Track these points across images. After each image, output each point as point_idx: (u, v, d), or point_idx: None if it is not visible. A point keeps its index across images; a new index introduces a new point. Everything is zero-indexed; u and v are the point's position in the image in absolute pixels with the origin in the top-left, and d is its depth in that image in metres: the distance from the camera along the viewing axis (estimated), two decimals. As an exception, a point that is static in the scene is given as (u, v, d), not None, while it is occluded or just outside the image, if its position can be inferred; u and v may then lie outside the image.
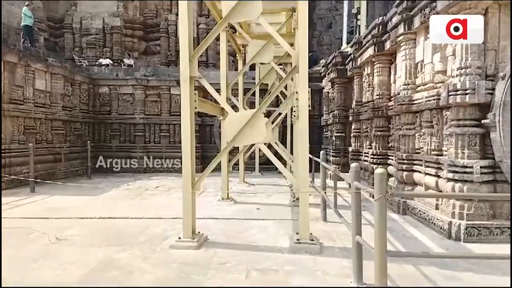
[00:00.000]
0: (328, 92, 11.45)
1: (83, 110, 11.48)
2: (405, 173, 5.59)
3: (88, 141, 10.53)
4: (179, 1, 4.33)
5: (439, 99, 4.53)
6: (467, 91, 3.99)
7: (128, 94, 12.25)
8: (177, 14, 15.45)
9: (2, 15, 12.56)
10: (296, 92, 4.65)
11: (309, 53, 5.20)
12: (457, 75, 4.16)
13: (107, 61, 14.46)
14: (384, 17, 6.94)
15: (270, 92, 10.42)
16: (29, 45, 10.77)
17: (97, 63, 14.27)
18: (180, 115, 4.41)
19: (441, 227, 4.25)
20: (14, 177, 7.70)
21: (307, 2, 4.29)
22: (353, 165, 3.15)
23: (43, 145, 9.38)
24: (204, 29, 15.78)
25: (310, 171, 8.45)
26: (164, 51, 16.04)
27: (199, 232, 4.19)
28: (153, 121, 12.17)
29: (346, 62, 9.61)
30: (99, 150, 11.84)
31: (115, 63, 14.75)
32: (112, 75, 12.35)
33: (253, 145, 8.12)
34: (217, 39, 9.16)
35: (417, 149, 5.50)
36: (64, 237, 4.29)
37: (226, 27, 7.23)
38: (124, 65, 14.29)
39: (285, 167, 9.35)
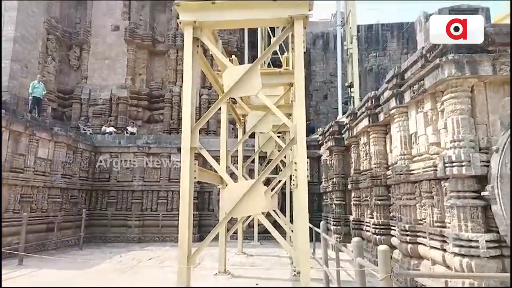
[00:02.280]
0: (326, 160, 11.59)
1: (82, 178, 11.48)
2: (409, 245, 5.40)
3: (84, 210, 10.33)
4: (184, 74, 4.64)
5: (436, 170, 4.57)
6: (463, 163, 4.05)
7: (129, 161, 12.38)
8: (181, 86, 16.45)
9: (14, 86, 13.27)
10: (295, 163, 4.73)
11: (306, 122, 5.41)
12: (451, 148, 4.26)
13: (111, 129, 14.89)
14: (376, 91, 7.35)
15: (269, 160, 10.58)
16: (37, 115, 11.20)
17: (101, 131, 14.70)
18: (179, 181, 4.41)
19: (453, 307, 3.97)
20: (3, 250, 7.38)
21: (303, 78, 4.58)
22: (355, 239, 3.06)
23: (37, 214, 9.19)
24: (206, 99, 16.56)
25: (311, 240, 8.15)
26: (167, 119, 16.62)
27: (193, 313, 3.89)
28: (152, 187, 12.10)
29: (343, 131, 9.91)
30: (95, 218, 11.58)
31: (119, 131, 15.18)
32: (114, 142, 12.63)
33: (252, 214, 7.96)
34: (218, 109, 9.56)
35: (420, 220, 5.39)
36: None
37: (227, 99, 7.59)
38: (127, 133, 14.70)
39: (285, 236, 9.07)
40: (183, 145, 4.49)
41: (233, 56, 7.96)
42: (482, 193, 4.02)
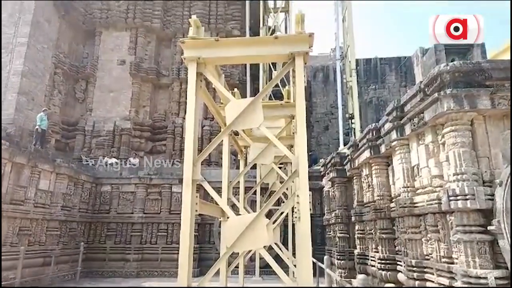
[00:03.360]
0: (329, 191, 11.48)
1: (82, 210, 11.36)
2: (417, 282, 5.22)
3: (82, 243, 10.13)
4: (187, 109, 4.71)
5: (441, 203, 4.52)
6: (467, 197, 4.01)
7: (130, 193, 12.30)
8: (183, 118, 16.68)
9: (19, 118, 13.49)
10: (297, 196, 4.69)
11: (308, 153, 5.43)
12: (454, 181, 4.24)
13: (113, 160, 14.92)
14: (377, 123, 7.42)
15: (271, 192, 10.48)
16: (40, 147, 11.29)
17: (103, 162, 14.72)
18: (180, 213, 4.36)
19: None
20: (-2, 284, 7.19)
21: (304, 112, 4.65)
22: (360, 277, 2.98)
23: (34, 247, 9.01)
24: (208, 130, 16.72)
25: (314, 275, 7.89)
26: (169, 150, 16.69)
27: None
28: (152, 220, 11.93)
29: (344, 162, 9.90)
30: (93, 252, 11.33)
31: (121, 162, 15.20)
32: (116, 174, 12.62)
33: (254, 247, 7.78)
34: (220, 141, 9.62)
35: (426, 255, 5.24)
36: None
37: (229, 132, 7.65)
38: (129, 164, 14.71)
39: (288, 270, 8.78)
40: (185, 177, 4.48)
41: (236, 89, 8.12)
42: (488, 228, 3.95)
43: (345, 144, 14.82)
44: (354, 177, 9.05)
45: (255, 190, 10.60)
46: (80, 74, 17.08)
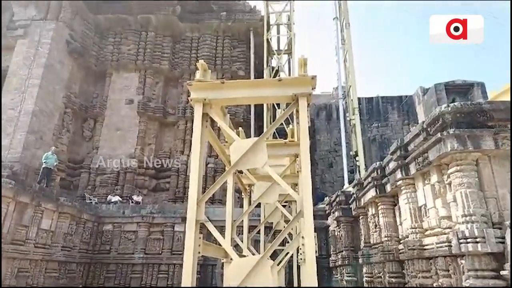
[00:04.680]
0: (335, 231, 11.20)
1: (82, 250, 11.12)
2: (430, 331, 4.93)
3: (80, 287, 9.81)
4: (192, 149, 4.76)
5: (451, 246, 4.38)
6: (477, 239, 3.90)
7: (131, 232, 12.09)
8: (188, 155, 16.79)
9: (26, 157, 13.65)
10: (302, 237, 4.58)
11: (314, 190, 5.38)
12: (463, 222, 4.15)
13: (116, 198, 14.85)
14: (381, 162, 7.41)
15: (275, 231, 10.24)
16: (45, 185, 11.32)
17: (106, 200, 14.64)
18: (182, 253, 4.25)
19: None
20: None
21: (308, 151, 4.68)
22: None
23: (32, 290, 8.74)
24: (212, 168, 16.72)
25: (323, 323, 7.48)
26: (173, 188, 16.61)
27: None
28: (153, 260, 11.60)
29: (350, 201, 9.75)
30: (91, 294, 10.94)
31: (124, 200, 15.11)
32: (119, 212, 12.49)
33: (258, 291, 7.48)
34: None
35: (439, 301, 5.00)
36: None
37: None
38: (132, 202, 14.61)
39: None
40: (189, 218, 4.42)
41: (240, 128, 8.23)
42: (501, 273, 3.79)
43: (350, 182, 14.68)
44: (360, 217, 8.87)
45: (259, 230, 10.39)
46: (89, 113, 17.51)
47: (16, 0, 16.10)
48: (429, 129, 4.90)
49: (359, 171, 14.93)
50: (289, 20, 19.16)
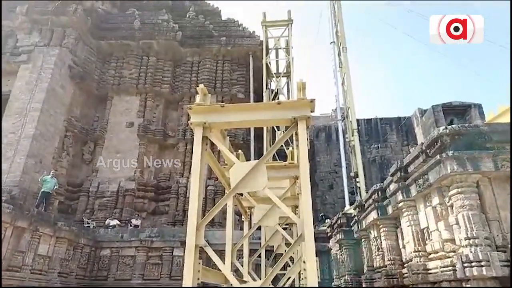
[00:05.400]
0: (337, 254, 11.00)
1: (79, 276, 10.89)
2: None
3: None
4: (192, 173, 4.75)
5: (456, 270, 4.30)
6: (482, 263, 3.83)
7: (130, 257, 11.87)
8: (188, 177, 16.71)
9: (25, 181, 13.58)
10: (304, 262, 4.50)
11: (315, 211, 5.31)
12: (466, 245, 4.09)
13: (115, 221, 14.65)
14: (382, 183, 7.38)
15: (276, 255, 10.05)
16: (43, 209, 11.20)
17: (104, 224, 14.45)
18: (181, 279, 4.15)
19: None
20: None
21: (308, 174, 4.67)
22: None
23: (26, 318, 8.49)
24: (212, 190, 16.61)
25: None
26: (172, 211, 16.43)
27: None
28: (151, 286, 11.33)
29: (351, 223, 9.63)
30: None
31: (123, 223, 14.91)
32: (117, 236, 12.31)
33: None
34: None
35: (446, 328, 4.84)
36: None
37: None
38: (131, 226, 14.41)
39: None
40: (188, 242, 4.35)
41: (240, 151, 8.25)
42: (509, 298, 3.71)
43: (351, 204, 14.55)
44: (363, 239, 8.73)
45: (260, 253, 10.19)
46: (90, 137, 17.57)
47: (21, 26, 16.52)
48: (428, 150, 4.91)
49: (360, 193, 14.84)
50: (287, 44, 19.62)
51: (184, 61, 19.74)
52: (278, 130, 17.29)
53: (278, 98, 19.43)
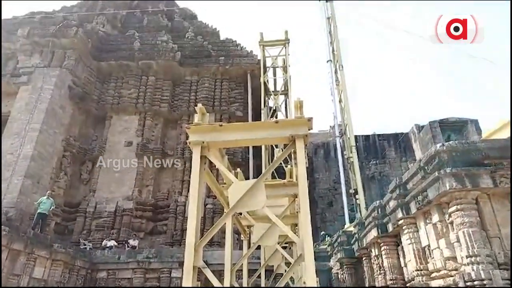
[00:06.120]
0: (338, 273, 10.80)
1: (75, 299, 10.64)
2: None
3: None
4: (190, 192, 4.72)
5: (458, 289, 4.23)
6: (484, 282, 3.77)
7: (126, 279, 11.61)
8: (186, 196, 16.57)
9: (22, 202, 13.43)
10: (304, 283, 4.41)
11: (313, 230, 5.23)
12: (468, 263, 4.04)
13: (112, 242, 14.41)
14: (381, 200, 7.34)
15: (276, 275, 9.85)
16: (39, 231, 11.03)
17: (101, 245, 14.20)
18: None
19: None
20: None
21: (307, 192, 4.64)
22: None
23: None
24: (211, 209, 16.45)
25: None
26: (170, 230, 16.20)
27: None
28: (149, 310, 11.05)
29: (352, 242, 9.52)
30: None
31: (120, 244, 14.67)
32: (114, 258, 12.08)
33: None
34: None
35: None
36: None
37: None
38: (128, 246, 14.17)
39: None
40: (186, 264, 4.27)
41: (238, 169, 8.23)
42: (514, 317, 3.63)
43: (351, 221, 14.41)
44: (364, 258, 8.61)
45: (260, 273, 9.99)
46: (88, 156, 17.51)
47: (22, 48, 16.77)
48: (426, 167, 4.92)
49: (360, 210, 14.73)
50: (284, 63, 19.93)
51: (183, 80, 19.95)
52: (277, 147, 17.31)
53: (276, 116, 19.59)
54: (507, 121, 6.00)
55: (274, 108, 19.69)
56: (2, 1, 16.33)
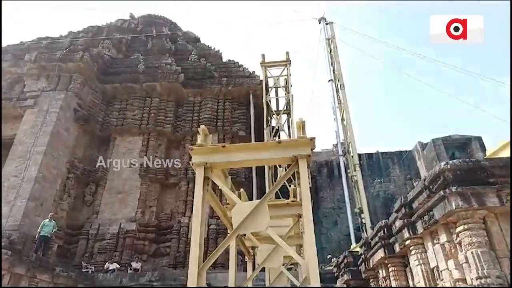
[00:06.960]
0: (345, 296, 10.52)
1: (76, 325, 10.39)
2: None
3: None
4: (193, 213, 4.69)
5: (469, 312, 4.10)
6: (497, 305, 3.66)
7: (129, 304, 11.37)
8: (190, 217, 16.42)
9: (25, 224, 13.35)
10: (310, 307, 4.30)
11: (318, 250, 5.13)
12: (478, 285, 3.93)
13: (114, 265, 14.21)
14: (387, 220, 7.23)
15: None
16: (42, 254, 10.91)
17: (104, 268, 14.00)
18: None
19: None
20: None
21: (311, 212, 4.60)
22: None
23: None
24: (214, 230, 16.25)
25: None
26: (173, 252, 15.97)
27: None
28: (151, 336, 10.74)
29: (359, 263, 9.32)
30: None
31: (122, 267, 14.45)
32: (116, 282, 11.89)
33: None
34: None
35: None
36: None
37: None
38: (131, 269, 13.95)
39: None
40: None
41: (241, 189, 8.18)
42: None
43: (357, 241, 14.16)
44: (371, 280, 8.40)
45: (265, 297, 9.76)
46: (91, 178, 17.52)
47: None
48: (431, 186, 4.88)
49: (366, 229, 14.50)
50: (286, 83, 20.18)
51: (186, 101, 20.20)
52: (280, 167, 17.26)
53: (279, 135, 19.65)
54: (506, 142, 5.97)
55: (277, 127, 19.78)
56: (12, 27, 16.83)
